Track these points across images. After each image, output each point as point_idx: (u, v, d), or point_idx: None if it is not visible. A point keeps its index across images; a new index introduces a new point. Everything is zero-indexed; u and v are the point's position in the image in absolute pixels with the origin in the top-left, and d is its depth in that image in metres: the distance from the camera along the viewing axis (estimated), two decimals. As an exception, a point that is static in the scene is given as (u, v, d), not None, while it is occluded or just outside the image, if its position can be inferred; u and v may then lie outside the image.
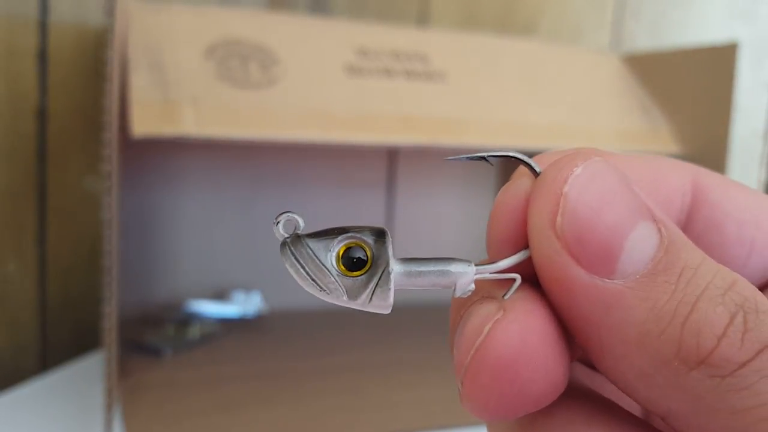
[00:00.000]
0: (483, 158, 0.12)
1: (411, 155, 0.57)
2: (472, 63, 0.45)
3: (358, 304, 0.11)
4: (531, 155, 0.13)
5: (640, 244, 0.10)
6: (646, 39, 0.67)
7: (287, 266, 0.11)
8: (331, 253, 0.11)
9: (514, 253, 0.11)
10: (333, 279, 0.11)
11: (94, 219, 0.48)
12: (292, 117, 0.36)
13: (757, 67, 0.70)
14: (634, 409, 0.12)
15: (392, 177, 0.57)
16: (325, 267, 0.11)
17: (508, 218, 0.11)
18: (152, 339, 0.43)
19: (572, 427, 0.11)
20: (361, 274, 0.11)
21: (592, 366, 0.14)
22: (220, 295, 0.50)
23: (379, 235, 0.11)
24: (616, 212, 0.10)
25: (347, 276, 0.11)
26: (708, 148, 0.45)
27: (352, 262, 0.11)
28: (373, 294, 0.11)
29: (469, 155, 0.12)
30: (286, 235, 0.11)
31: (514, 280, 0.11)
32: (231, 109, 0.35)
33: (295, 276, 0.11)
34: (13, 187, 0.46)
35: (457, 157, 0.12)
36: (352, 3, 0.55)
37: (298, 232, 0.11)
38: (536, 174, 0.11)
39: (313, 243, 0.11)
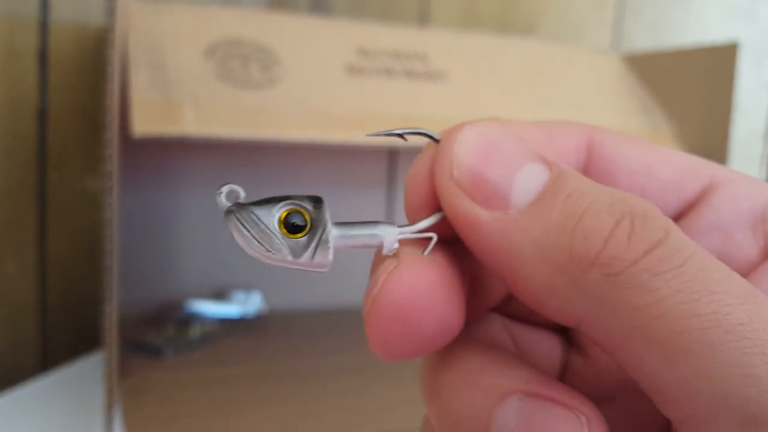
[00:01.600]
0: (399, 135, 0.14)
1: (411, 155, 0.57)
2: (472, 63, 0.45)
3: (302, 263, 0.12)
4: None
5: (528, 179, 0.12)
6: (646, 39, 0.67)
7: (233, 232, 0.12)
8: (273, 218, 0.12)
9: (430, 215, 0.13)
10: (278, 241, 0.12)
11: (94, 219, 0.48)
12: (292, 117, 0.36)
13: (757, 67, 0.70)
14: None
15: (392, 177, 0.57)
16: (270, 230, 0.12)
17: (420, 185, 0.13)
18: (152, 339, 0.43)
19: (468, 368, 0.12)
20: (302, 236, 0.12)
21: (510, 316, 0.15)
22: (220, 295, 0.50)
23: (317, 201, 0.12)
24: (504, 156, 0.12)
25: (289, 238, 0.12)
26: (708, 148, 0.45)
27: (292, 226, 0.12)
28: (315, 252, 0.12)
29: (387, 131, 0.14)
30: (230, 204, 0.12)
31: (430, 238, 0.12)
32: (231, 109, 0.35)
33: (240, 241, 0.12)
34: (13, 187, 0.46)
35: (376, 133, 0.14)
36: (352, 3, 0.55)
37: (240, 201, 0.12)
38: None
39: (256, 210, 0.12)
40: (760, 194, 0.14)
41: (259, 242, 0.12)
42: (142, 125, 0.32)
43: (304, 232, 0.12)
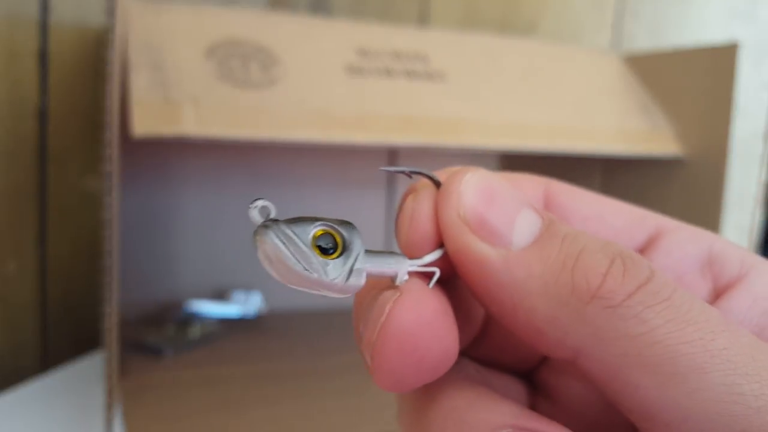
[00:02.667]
0: (407, 173, 0.15)
1: (411, 155, 0.57)
2: (472, 63, 0.45)
3: (335, 285, 0.12)
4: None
5: (527, 222, 0.13)
6: (646, 39, 0.67)
7: (267, 248, 0.11)
8: (309, 237, 0.12)
9: (432, 251, 0.13)
10: (315, 260, 0.12)
11: (94, 219, 0.48)
12: (292, 117, 0.36)
13: (757, 68, 0.70)
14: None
15: (392, 177, 0.57)
16: (307, 248, 0.12)
17: (423, 223, 0.14)
18: (153, 339, 0.43)
19: (455, 405, 0.13)
20: (336, 257, 0.12)
21: (480, 361, 0.16)
22: (220, 295, 0.50)
23: (349, 225, 0.13)
24: (504, 200, 0.13)
25: (324, 258, 0.12)
26: (708, 148, 0.45)
27: (323, 248, 0.12)
28: (349, 274, 0.12)
29: (396, 169, 0.15)
30: (263, 220, 0.12)
31: (434, 273, 0.13)
32: (231, 109, 0.35)
33: (274, 258, 0.12)
34: (13, 187, 0.46)
35: (386, 168, 0.15)
36: (352, 3, 0.55)
37: (272, 217, 0.12)
38: (438, 185, 0.14)
39: (293, 227, 0.12)
40: (704, 240, 0.15)
41: (297, 260, 0.12)
42: (142, 125, 0.32)
43: (335, 255, 0.12)
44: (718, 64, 0.44)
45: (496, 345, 0.16)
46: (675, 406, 0.11)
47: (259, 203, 0.12)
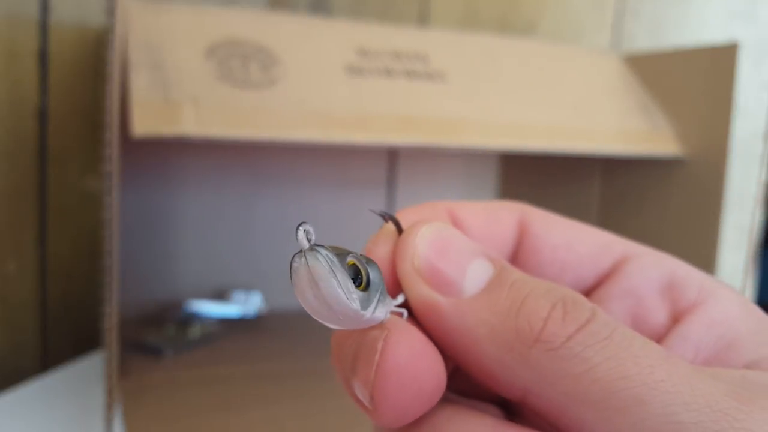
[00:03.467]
0: (383, 216, 0.15)
1: (411, 155, 0.57)
2: (472, 63, 0.45)
3: (365, 315, 0.12)
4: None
5: (478, 271, 0.14)
6: (646, 39, 0.67)
7: (317, 272, 0.11)
8: (346, 266, 0.12)
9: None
10: (353, 289, 0.12)
11: (94, 219, 0.48)
12: (292, 117, 0.36)
13: (757, 68, 0.70)
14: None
15: (392, 177, 0.57)
16: (348, 278, 0.12)
17: (383, 267, 0.14)
18: (153, 339, 0.43)
19: (437, 420, 0.13)
20: (362, 289, 0.12)
21: (458, 392, 0.17)
22: (220, 295, 0.51)
23: (372, 261, 0.13)
24: (456, 252, 0.14)
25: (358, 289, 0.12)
26: (708, 148, 0.45)
27: (353, 278, 0.12)
28: (376, 307, 0.12)
29: (376, 210, 0.16)
30: (310, 243, 0.12)
31: (401, 313, 0.14)
32: (231, 109, 0.35)
33: (322, 282, 0.11)
34: (13, 187, 0.46)
35: (372, 210, 0.16)
36: (352, 3, 0.55)
37: (314, 243, 0.12)
38: (400, 232, 0.15)
39: (336, 254, 0.12)
40: (667, 265, 0.16)
41: (340, 287, 0.12)
42: (142, 125, 0.32)
43: (361, 287, 0.12)
44: (718, 64, 0.44)
45: (469, 377, 0.17)
46: None
47: (305, 226, 0.12)
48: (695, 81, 0.46)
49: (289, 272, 0.12)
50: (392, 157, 0.56)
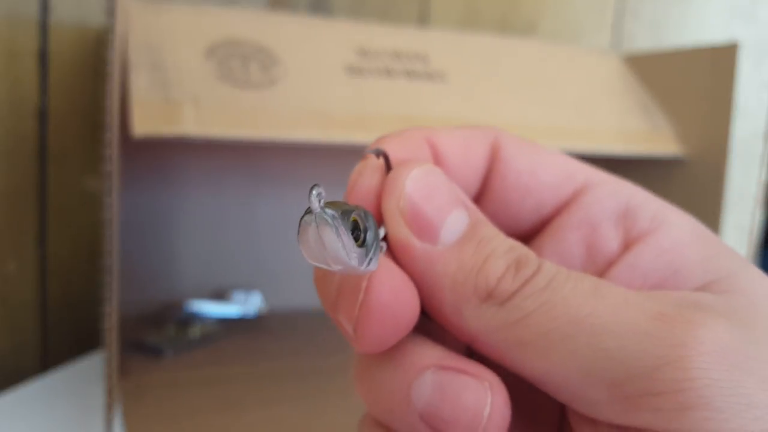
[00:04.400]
0: (376, 153, 0.16)
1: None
2: (472, 63, 0.45)
3: (360, 268, 0.13)
4: None
5: (455, 223, 0.15)
6: (646, 39, 0.67)
7: (322, 234, 0.12)
8: (349, 226, 0.12)
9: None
10: (354, 249, 0.12)
11: (94, 219, 0.48)
12: (292, 117, 0.36)
13: (757, 68, 0.70)
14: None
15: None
16: (350, 238, 0.12)
17: (367, 200, 0.15)
18: (153, 339, 0.43)
19: (390, 352, 0.15)
20: (360, 245, 0.13)
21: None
22: (220, 295, 0.50)
23: (369, 213, 0.13)
24: (439, 200, 0.15)
25: (356, 246, 0.13)
26: (708, 148, 0.45)
27: (353, 232, 0.13)
28: (371, 260, 0.13)
29: (368, 150, 0.16)
30: (319, 205, 0.12)
31: (382, 246, 0.14)
32: (231, 109, 0.35)
33: (327, 243, 0.12)
34: (13, 187, 0.46)
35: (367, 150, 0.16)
36: (352, 3, 0.55)
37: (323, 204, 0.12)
38: (389, 169, 0.15)
39: (341, 217, 0.12)
40: (624, 194, 0.17)
41: (344, 248, 0.12)
42: (142, 125, 0.32)
43: (359, 243, 0.13)
44: (718, 64, 0.44)
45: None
46: (557, 372, 0.13)
47: (318, 189, 0.12)
48: (695, 81, 0.46)
49: (297, 228, 0.12)
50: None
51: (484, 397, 0.13)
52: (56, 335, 0.48)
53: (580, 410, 0.13)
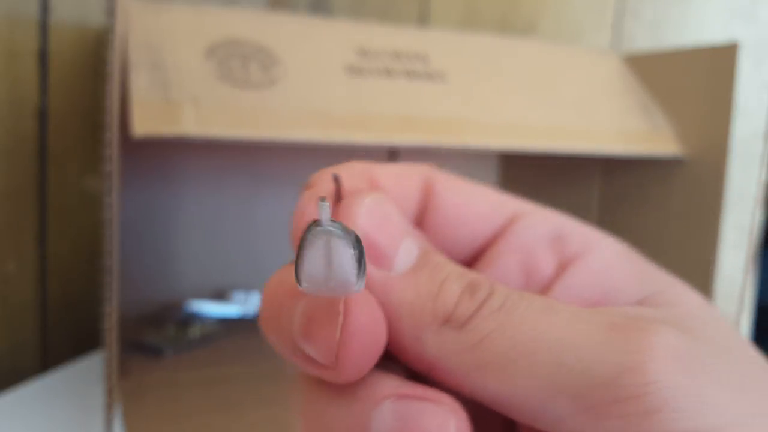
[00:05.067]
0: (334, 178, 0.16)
1: (411, 155, 0.57)
2: (472, 63, 0.45)
3: (357, 288, 0.13)
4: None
5: (407, 251, 0.15)
6: (646, 39, 0.67)
7: (334, 250, 0.12)
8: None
9: None
10: (357, 267, 0.12)
11: (94, 219, 0.48)
12: (292, 117, 0.36)
13: (757, 68, 0.70)
14: None
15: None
16: (356, 258, 0.12)
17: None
18: (153, 339, 0.43)
19: (375, 375, 0.14)
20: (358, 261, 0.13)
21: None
22: (220, 295, 0.51)
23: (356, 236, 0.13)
24: (392, 229, 0.15)
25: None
26: (708, 148, 0.45)
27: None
28: (358, 279, 0.13)
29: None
30: (328, 221, 0.12)
31: None
32: (231, 109, 0.35)
33: (337, 259, 0.12)
34: (13, 187, 0.46)
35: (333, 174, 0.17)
36: (352, 3, 0.55)
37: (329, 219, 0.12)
38: (340, 198, 0.16)
39: (353, 234, 0.12)
40: (553, 220, 0.17)
41: (353, 266, 0.12)
42: (142, 125, 0.32)
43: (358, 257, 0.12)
44: (718, 64, 0.44)
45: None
46: (518, 391, 0.13)
47: (325, 203, 0.12)
48: (695, 81, 0.46)
49: (298, 243, 0.12)
50: (392, 157, 0.56)
51: (446, 421, 0.13)
52: (56, 335, 0.48)
53: (543, 429, 0.13)
